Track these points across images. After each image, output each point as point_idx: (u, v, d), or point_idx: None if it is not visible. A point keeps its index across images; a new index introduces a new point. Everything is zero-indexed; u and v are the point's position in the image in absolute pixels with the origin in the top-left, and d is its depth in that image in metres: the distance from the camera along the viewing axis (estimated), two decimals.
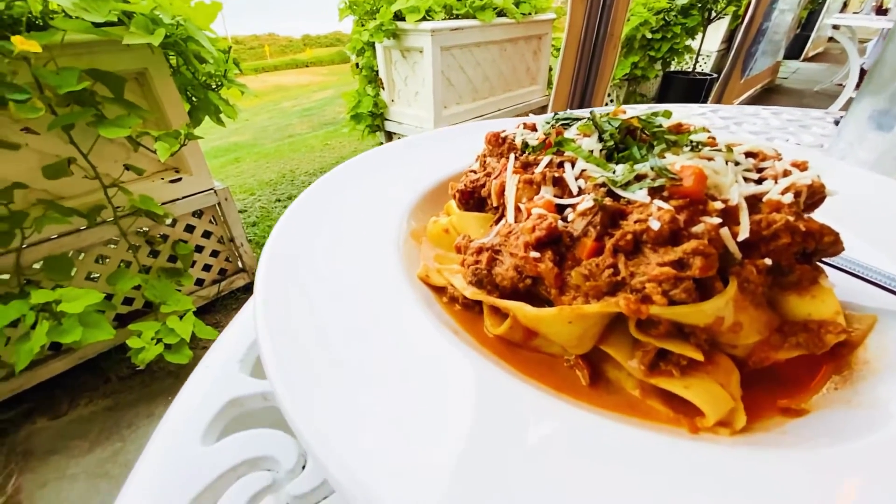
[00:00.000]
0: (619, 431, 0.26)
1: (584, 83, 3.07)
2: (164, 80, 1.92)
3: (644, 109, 0.48)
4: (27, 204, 1.59)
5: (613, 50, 3.08)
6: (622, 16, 2.88)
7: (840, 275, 0.41)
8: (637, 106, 1.25)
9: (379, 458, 0.22)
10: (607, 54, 3.04)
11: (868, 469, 0.23)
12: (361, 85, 3.61)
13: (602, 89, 3.21)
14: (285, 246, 0.39)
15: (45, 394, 1.74)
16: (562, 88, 2.90)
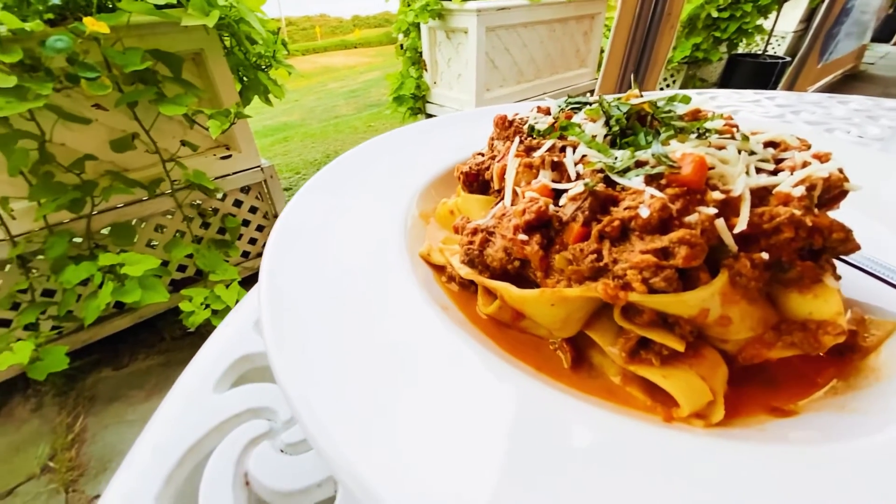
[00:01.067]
0: (589, 414, 0.27)
1: (635, 66, 2.91)
2: (217, 60, 2.02)
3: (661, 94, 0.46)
4: (97, 175, 1.74)
5: (671, 30, 2.89)
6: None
7: (869, 278, 0.39)
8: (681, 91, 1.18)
9: (355, 423, 0.24)
10: (663, 35, 2.86)
11: (824, 473, 0.22)
12: (405, 67, 3.62)
13: (655, 73, 3.04)
14: (297, 219, 0.41)
15: (110, 347, 1.93)
16: (610, 72, 2.77)
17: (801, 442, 0.25)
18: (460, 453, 0.23)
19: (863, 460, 0.23)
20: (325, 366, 0.27)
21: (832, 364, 0.34)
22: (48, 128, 1.54)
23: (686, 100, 0.43)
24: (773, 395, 0.32)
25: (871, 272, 0.38)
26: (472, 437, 0.24)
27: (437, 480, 0.22)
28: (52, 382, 1.74)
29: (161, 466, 0.31)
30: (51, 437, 1.58)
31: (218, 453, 0.32)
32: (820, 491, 0.21)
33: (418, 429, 0.24)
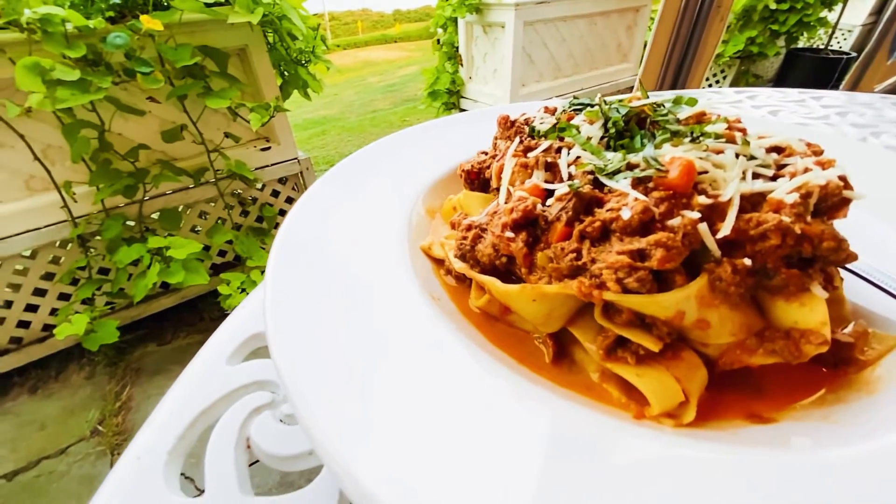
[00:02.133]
0: (560, 408, 0.28)
1: (679, 61, 2.79)
2: (261, 55, 2.11)
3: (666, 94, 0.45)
4: (148, 163, 1.87)
5: (720, 23, 2.74)
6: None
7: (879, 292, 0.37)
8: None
9: (333, 400, 0.26)
10: (711, 28, 2.72)
11: (769, 480, 0.23)
12: (441, 61, 3.63)
13: (701, 69, 2.90)
14: (309, 208, 0.44)
15: (155, 324, 2.08)
16: (651, 67, 2.67)
17: (763, 446, 0.25)
18: (431, 436, 0.25)
19: (817, 471, 0.23)
20: (315, 346, 0.29)
21: (826, 375, 0.34)
22: (107, 118, 1.67)
23: (692, 102, 0.42)
24: (757, 401, 0.32)
25: (877, 284, 0.37)
26: (443, 419, 0.26)
27: (410, 460, 0.23)
28: (104, 353, 1.89)
29: (175, 426, 0.35)
30: (101, 403, 1.73)
31: (225, 418, 0.36)
32: (754, 498, 0.22)
33: (392, 408, 0.26)
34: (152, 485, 0.32)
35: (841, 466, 0.24)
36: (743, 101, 1.09)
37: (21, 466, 1.49)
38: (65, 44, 1.46)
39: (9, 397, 1.74)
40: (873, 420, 0.28)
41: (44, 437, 1.60)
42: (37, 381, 1.81)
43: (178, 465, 0.34)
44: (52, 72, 1.42)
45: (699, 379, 0.31)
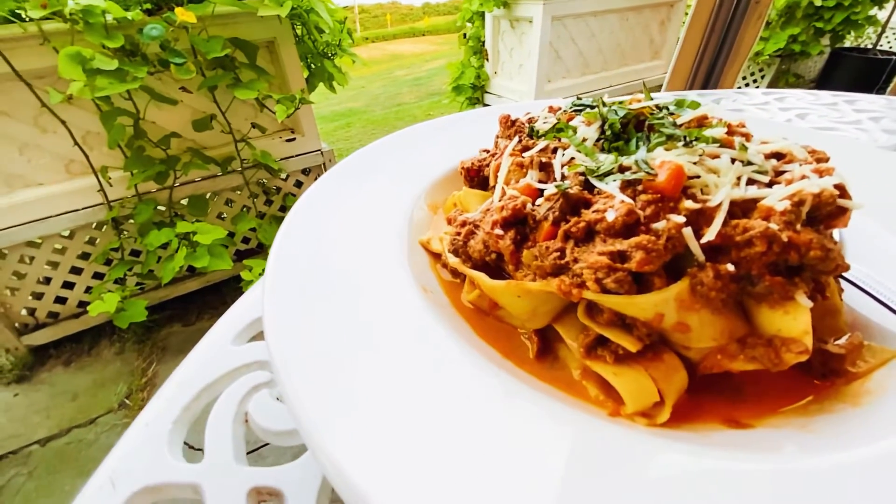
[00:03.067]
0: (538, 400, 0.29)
1: (712, 59, 2.69)
2: (288, 48, 2.16)
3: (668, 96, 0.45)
4: (179, 151, 1.95)
5: (758, 20, 2.63)
6: None
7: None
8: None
9: (318, 383, 0.28)
10: (749, 24, 2.61)
11: (732, 485, 0.23)
12: (466, 56, 3.62)
13: (735, 68, 2.79)
14: (314, 201, 0.46)
15: (181, 306, 2.18)
16: (682, 65, 2.59)
17: (729, 449, 0.26)
18: (409, 422, 0.27)
19: (772, 477, 0.23)
20: (304, 332, 0.31)
21: (814, 385, 0.33)
22: (142, 107, 1.75)
23: (694, 105, 0.42)
24: (737, 407, 0.32)
25: (876, 297, 0.36)
26: (420, 406, 0.28)
27: (387, 443, 0.25)
28: (133, 331, 1.99)
29: (181, 398, 0.38)
30: (128, 378, 1.83)
31: (226, 394, 0.38)
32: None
33: (371, 394, 0.28)
34: (157, 450, 0.34)
35: (800, 475, 0.24)
36: (770, 102, 1.06)
37: (54, 433, 1.60)
38: (104, 34, 1.53)
39: (45, 368, 1.86)
40: (851, 432, 0.27)
41: (75, 407, 1.70)
42: (71, 355, 1.92)
43: (181, 433, 0.36)
44: (92, 61, 1.49)
45: (677, 381, 0.31)
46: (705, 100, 1.08)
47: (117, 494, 0.32)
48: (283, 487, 0.32)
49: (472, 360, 0.31)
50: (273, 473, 0.33)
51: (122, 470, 0.33)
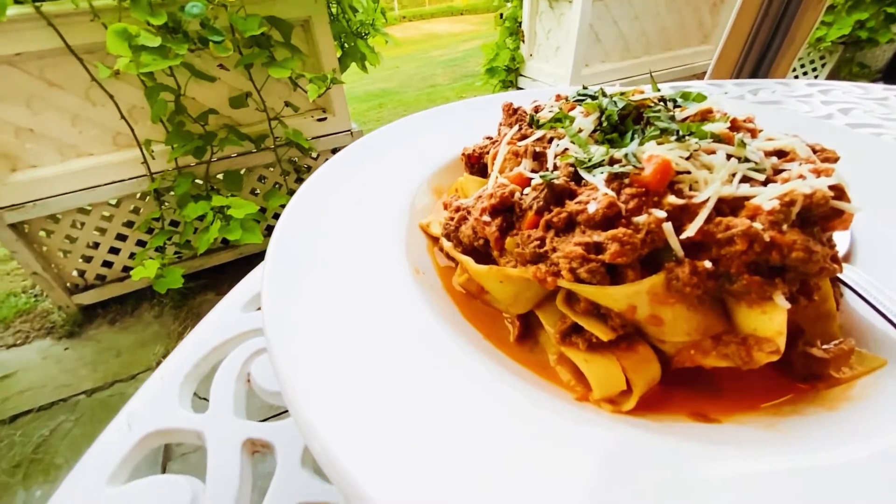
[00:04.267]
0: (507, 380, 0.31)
1: (764, 45, 2.52)
2: (323, 27, 2.18)
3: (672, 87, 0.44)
4: (216, 127, 2.03)
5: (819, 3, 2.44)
6: None
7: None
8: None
9: (307, 364, 0.30)
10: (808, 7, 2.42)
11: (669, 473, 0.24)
12: (502, 37, 3.54)
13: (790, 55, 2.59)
14: (321, 183, 0.49)
15: (214, 276, 2.29)
16: (730, 51, 2.44)
17: (677, 438, 0.26)
18: (386, 395, 0.29)
19: (706, 469, 0.24)
20: (296, 306, 0.33)
21: (795, 387, 0.33)
22: (182, 83, 1.82)
23: (700, 98, 0.41)
24: (710, 401, 0.32)
25: (871, 303, 0.35)
26: (398, 379, 0.30)
27: (366, 414, 0.27)
28: (171, 297, 2.13)
29: (193, 357, 0.42)
30: (165, 340, 1.96)
31: (232, 355, 0.42)
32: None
33: (350, 361, 0.30)
34: (169, 399, 0.38)
35: (743, 470, 0.25)
36: (814, 95, 0.99)
37: (98, 386, 1.74)
38: (149, 11, 1.59)
39: (92, 326, 2.02)
40: (814, 435, 0.28)
41: (118, 363, 1.85)
42: (115, 315, 2.08)
43: (191, 387, 0.40)
44: (137, 38, 1.57)
45: (648, 373, 0.32)
46: (741, 90, 1.03)
47: (132, 435, 0.36)
48: (273, 440, 0.35)
49: (451, 337, 0.33)
50: (266, 427, 0.36)
51: (137, 414, 0.37)
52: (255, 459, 0.36)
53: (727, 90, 1.04)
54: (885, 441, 0.26)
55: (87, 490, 0.32)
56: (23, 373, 1.81)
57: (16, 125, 1.71)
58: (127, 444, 0.35)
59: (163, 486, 0.33)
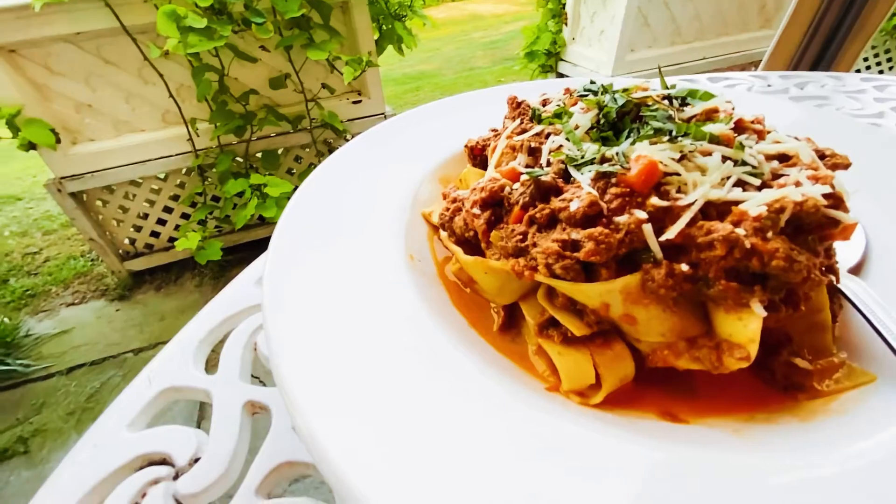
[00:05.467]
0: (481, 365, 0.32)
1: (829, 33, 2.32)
2: (361, 8, 2.20)
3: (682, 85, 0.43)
4: (256, 107, 2.10)
5: None
6: None
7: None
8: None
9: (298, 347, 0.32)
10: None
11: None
12: (544, 19, 3.43)
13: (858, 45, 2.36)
14: (332, 169, 0.51)
15: (251, 250, 2.41)
16: (788, 38, 2.26)
17: (635, 433, 0.27)
18: (370, 381, 0.31)
19: (647, 464, 0.25)
20: (293, 290, 0.35)
21: (777, 396, 0.33)
22: (226, 64, 1.90)
23: (706, 97, 0.40)
24: (684, 403, 0.33)
25: (866, 316, 0.34)
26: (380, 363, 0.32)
27: (352, 402, 0.29)
28: (210, 268, 2.26)
29: (207, 324, 0.46)
30: None
31: (242, 325, 0.46)
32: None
33: (335, 336, 0.33)
34: (185, 361, 0.43)
35: (682, 469, 0.25)
36: (867, 90, 0.92)
37: (144, 345, 1.90)
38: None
39: (140, 290, 2.19)
40: (774, 443, 0.28)
41: (162, 326, 2.00)
42: (161, 282, 2.23)
43: (205, 351, 0.45)
44: (185, 19, 1.64)
45: (621, 370, 0.33)
46: (786, 83, 0.97)
47: (152, 388, 0.40)
48: (271, 404, 0.39)
49: (434, 322, 0.35)
50: (266, 392, 0.40)
51: (157, 371, 0.42)
52: (254, 420, 0.39)
53: (771, 83, 0.98)
54: (839, 454, 0.25)
55: (109, 433, 0.37)
56: (79, 329, 1.99)
57: (76, 100, 1.84)
58: (146, 396, 0.40)
59: (173, 434, 0.37)
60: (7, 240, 2.67)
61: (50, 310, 2.12)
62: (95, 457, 0.36)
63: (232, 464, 0.35)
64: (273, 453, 0.36)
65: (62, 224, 2.73)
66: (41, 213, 2.89)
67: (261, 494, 0.34)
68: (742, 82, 0.97)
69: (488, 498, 0.24)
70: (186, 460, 0.36)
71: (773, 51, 2.29)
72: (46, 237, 2.67)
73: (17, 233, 2.73)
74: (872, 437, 0.27)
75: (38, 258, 2.49)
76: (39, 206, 2.97)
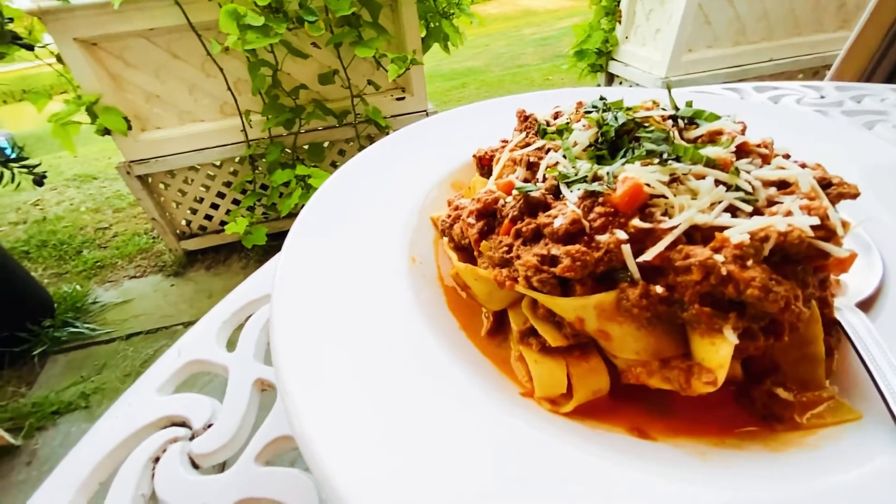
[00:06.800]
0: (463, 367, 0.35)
1: None
2: (410, 7, 2.24)
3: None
4: (305, 101, 2.21)
5: None
6: None
7: None
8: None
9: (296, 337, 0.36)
10: None
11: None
12: (596, 17, 3.33)
13: None
14: (350, 173, 0.55)
15: None
16: (864, 43, 2.07)
17: (595, 444, 0.29)
18: (365, 378, 0.34)
19: (599, 478, 0.26)
20: (297, 274, 0.40)
21: (754, 424, 0.33)
22: (280, 59, 2.00)
23: (712, 118, 0.40)
24: (656, 421, 0.33)
25: (858, 351, 0.33)
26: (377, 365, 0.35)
27: (344, 398, 0.32)
28: (255, 252, 2.40)
29: (232, 307, 0.51)
30: None
31: (262, 310, 0.51)
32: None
33: (331, 327, 0.36)
34: (208, 340, 0.48)
35: (630, 487, 0.26)
36: None
37: (192, 320, 2.06)
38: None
39: (192, 269, 2.37)
40: (734, 471, 0.28)
41: (209, 303, 2.15)
42: (211, 262, 2.41)
43: (227, 332, 0.50)
44: (245, 17, 1.75)
45: (594, 383, 0.34)
46: (842, 95, 0.91)
47: (180, 359, 0.46)
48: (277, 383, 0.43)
49: (424, 323, 0.37)
50: (273, 371, 0.44)
51: (186, 344, 0.47)
52: (262, 395, 0.44)
53: (825, 94, 0.92)
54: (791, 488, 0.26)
55: (142, 395, 0.43)
56: (138, 300, 2.19)
57: (147, 91, 2.01)
58: (175, 366, 0.45)
59: (193, 401, 0.42)
60: (83, 215, 2.96)
61: (115, 281, 2.34)
62: (130, 414, 0.42)
63: (238, 432, 0.40)
64: (274, 427, 0.40)
65: (130, 203, 3.00)
66: (113, 192, 3.19)
67: (259, 461, 0.38)
68: (791, 93, 0.92)
69: (432, 494, 0.26)
70: (202, 424, 0.41)
71: (844, 57, 2.12)
72: (116, 214, 2.94)
73: (92, 209, 3.03)
74: (832, 476, 0.26)
75: (108, 233, 2.75)
76: (112, 186, 3.27)
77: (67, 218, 2.94)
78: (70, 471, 0.38)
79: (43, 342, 1.92)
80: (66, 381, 1.78)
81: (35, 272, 2.40)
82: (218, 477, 0.37)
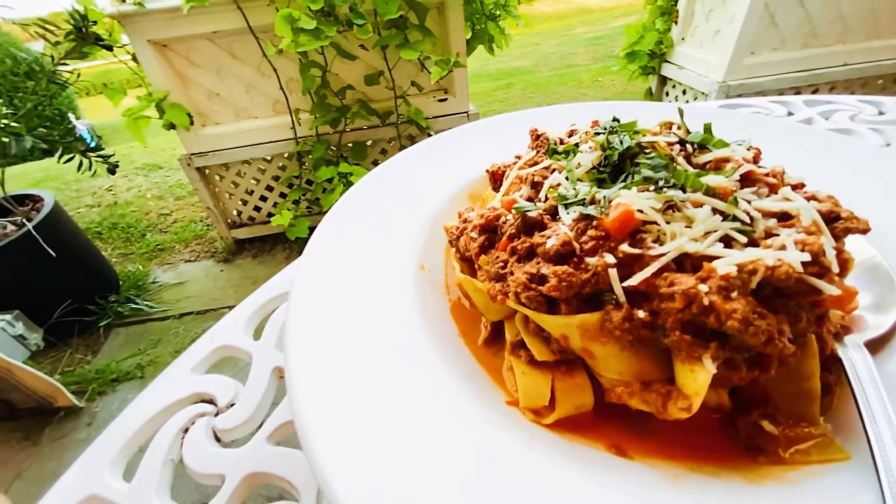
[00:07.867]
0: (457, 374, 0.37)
1: None
2: (456, 9, 2.27)
3: None
4: (351, 101, 2.29)
5: None
6: None
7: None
8: None
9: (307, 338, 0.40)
10: None
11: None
12: (651, 17, 3.21)
13: None
14: (374, 181, 0.58)
15: None
16: None
17: (570, 458, 0.30)
18: (365, 379, 0.37)
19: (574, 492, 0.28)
20: (315, 275, 0.43)
21: (737, 453, 0.33)
22: (329, 61, 2.10)
23: (720, 145, 0.39)
24: (637, 440, 0.34)
25: (853, 392, 0.32)
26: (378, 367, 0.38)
27: (343, 396, 0.36)
28: (298, 244, 2.53)
29: (261, 299, 0.57)
30: None
31: (284, 306, 0.56)
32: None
33: (336, 324, 0.39)
34: (237, 328, 0.53)
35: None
36: None
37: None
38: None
39: (240, 257, 2.53)
40: (704, 499, 0.29)
41: (254, 289, 2.28)
42: (257, 251, 2.56)
43: (255, 322, 0.55)
44: (298, 21, 1.85)
45: (578, 399, 0.35)
46: (886, 106, 0.84)
47: (212, 343, 0.52)
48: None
49: (422, 327, 0.40)
50: None
51: (218, 332, 0.53)
52: (280, 382, 0.48)
53: (885, 109, 0.85)
54: None
55: (177, 373, 0.49)
56: (191, 283, 2.37)
57: (208, 89, 2.17)
58: (207, 349, 0.51)
59: (220, 381, 0.48)
60: (148, 201, 3.24)
61: (172, 263, 2.55)
62: (167, 389, 0.48)
63: (256, 413, 0.44)
64: (286, 411, 0.44)
65: (189, 192, 3.24)
66: (175, 181, 3.45)
67: (271, 441, 0.42)
68: (845, 108, 0.86)
69: (402, 485, 0.28)
70: (225, 403, 0.46)
71: None
72: (177, 202, 3.19)
73: (157, 196, 3.30)
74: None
75: (168, 219, 2.99)
76: (174, 176, 3.55)
77: (135, 203, 3.22)
78: (115, 435, 0.44)
79: (108, 315, 2.13)
80: (126, 353, 1.97)
81: (105, 251, 2.66)
82: (235, 451, 0.42)
